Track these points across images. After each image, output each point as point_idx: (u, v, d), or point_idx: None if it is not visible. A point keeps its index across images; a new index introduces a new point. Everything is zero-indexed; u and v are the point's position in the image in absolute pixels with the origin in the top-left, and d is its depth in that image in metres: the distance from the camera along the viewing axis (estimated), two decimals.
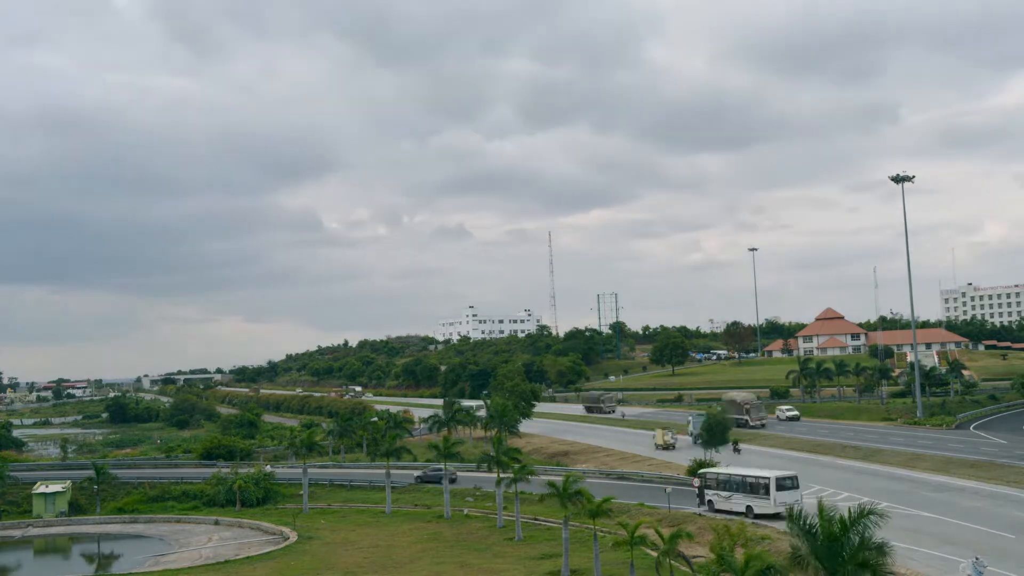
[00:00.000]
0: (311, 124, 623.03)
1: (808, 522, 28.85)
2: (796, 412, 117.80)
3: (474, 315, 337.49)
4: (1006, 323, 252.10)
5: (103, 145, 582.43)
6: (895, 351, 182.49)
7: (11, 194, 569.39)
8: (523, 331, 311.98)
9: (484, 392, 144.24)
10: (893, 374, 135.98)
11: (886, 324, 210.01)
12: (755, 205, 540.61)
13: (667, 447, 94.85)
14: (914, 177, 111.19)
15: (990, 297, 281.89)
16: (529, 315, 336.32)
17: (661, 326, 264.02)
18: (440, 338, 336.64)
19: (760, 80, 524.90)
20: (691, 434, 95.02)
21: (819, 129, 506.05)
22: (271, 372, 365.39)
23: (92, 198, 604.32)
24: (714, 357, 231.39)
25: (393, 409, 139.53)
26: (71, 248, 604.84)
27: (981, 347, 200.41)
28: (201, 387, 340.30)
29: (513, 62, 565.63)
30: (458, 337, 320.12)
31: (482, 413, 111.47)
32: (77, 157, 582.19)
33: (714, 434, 79.31)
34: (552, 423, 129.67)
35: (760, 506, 57.47)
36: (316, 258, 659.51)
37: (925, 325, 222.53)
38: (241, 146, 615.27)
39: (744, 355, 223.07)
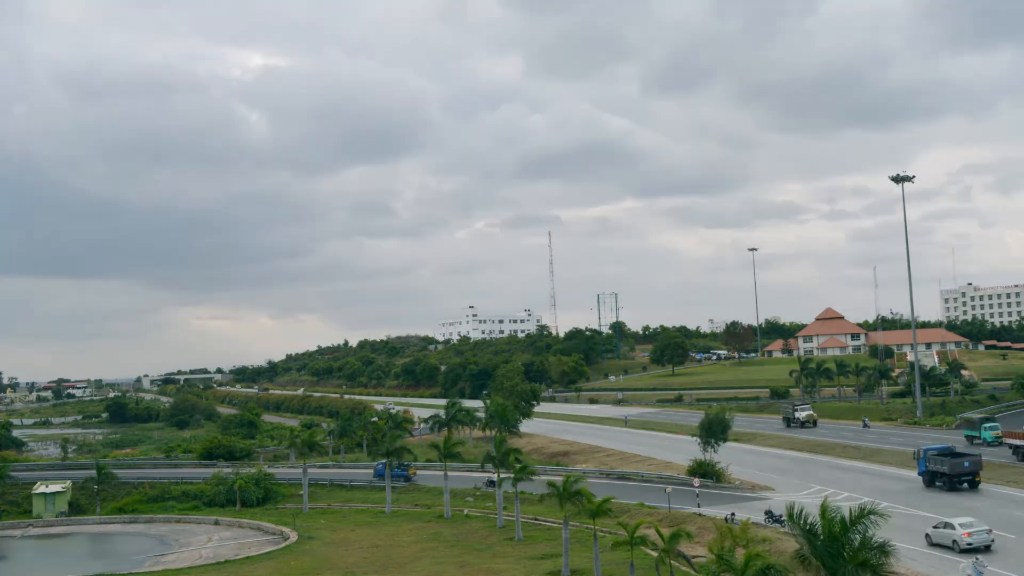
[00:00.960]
0: (402, 90, 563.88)
1: (810, 522, 28.87)
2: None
3: (474, 315, 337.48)
4: (1006, 323, 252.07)
5: (148, 116, 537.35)
6: (895, 351, 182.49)
7: (55, 175, 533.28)
8: (523, 331, 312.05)
9: (484, 392, 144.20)
10: (893, 374, 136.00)
11: (886, 324, 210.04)
12: (858, 190, 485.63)
13: None
14: (914, 177, 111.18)
15: (990, 297, 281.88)
16: (529, 315, 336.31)
17: (661, 326, 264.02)
18: (440, 338, 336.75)
19: (943, 33, 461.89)
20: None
21: (978, 100, 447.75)
22: (271, 372, 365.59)
23: (128, 180, 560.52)
24: (714, 357, 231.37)
25: (393, 409, 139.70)
26: (98, 237, 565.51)
27: (981, 347, 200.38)
28: (201, 387, 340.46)
29: (683, 5, 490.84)
30: (458, 337, 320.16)
31: (482, 414, 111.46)
32: (114, 131, 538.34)
33: (713, 432, 79.05)
34: (552, 423, 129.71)
35: None
36: (366, 250, 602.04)
37: (925, 325, 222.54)
38: (314, 115, 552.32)
39: (744, 355, 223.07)
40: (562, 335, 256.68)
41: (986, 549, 45.49)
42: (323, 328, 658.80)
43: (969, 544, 45.61)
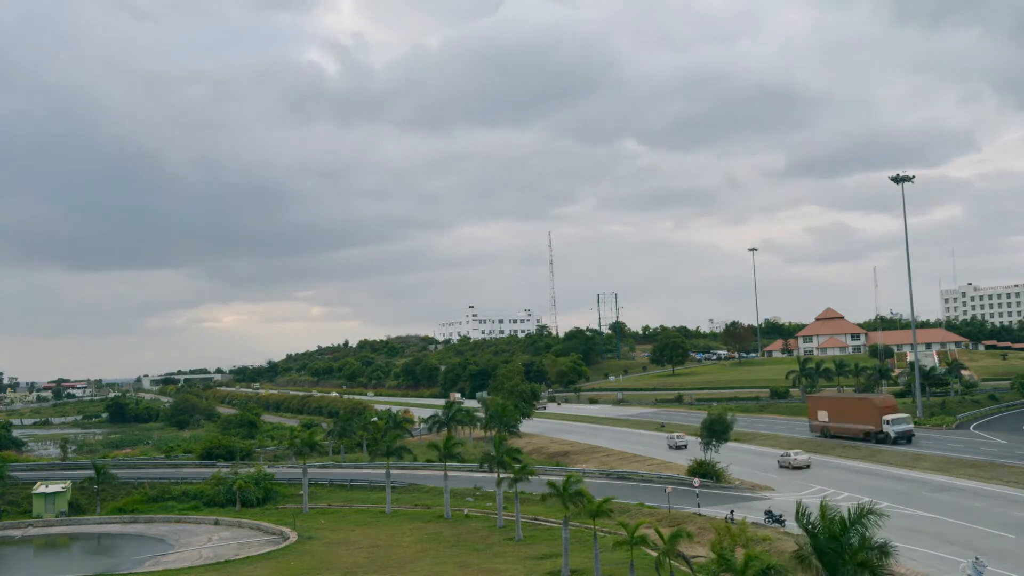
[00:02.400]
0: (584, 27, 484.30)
1: (811, 521, 28.85)
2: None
3: (474, 315, 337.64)
4: (1006, 323, 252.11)
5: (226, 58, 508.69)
6: (895, 351, 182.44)
7: (119, 135, 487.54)
8: (523, 331, 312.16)
9: (481, 392, 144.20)
10: (893, 374, 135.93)
11: (886, 324, 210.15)
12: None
13: None
14: (914, 177, 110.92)
15: (990, 297, 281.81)
16: (529, 315, 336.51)
17: (661, 326, 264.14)
18: (440, 338, 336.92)
19: None
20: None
21: None
22: (271, 372, 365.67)
23: (201, 146, 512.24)
24: (714, 357, 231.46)
25: (393, 409, 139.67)
26: (159, 216, 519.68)
27: (981, 347, 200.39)
28: (201, 387, 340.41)
29: None
30: (458, 337, 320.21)
31: (481, 414, 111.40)
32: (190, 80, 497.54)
33: (714, 433, 79.14)
34: (552, 423, 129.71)
35: None
36: (457, 233, 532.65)
37: (925, 325, 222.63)
38: (444, 63, 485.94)
39: (744, 355, 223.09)
40: (563, 335, 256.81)
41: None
42: (361, 327, 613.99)
43: None
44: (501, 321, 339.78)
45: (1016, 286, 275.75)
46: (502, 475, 64.80)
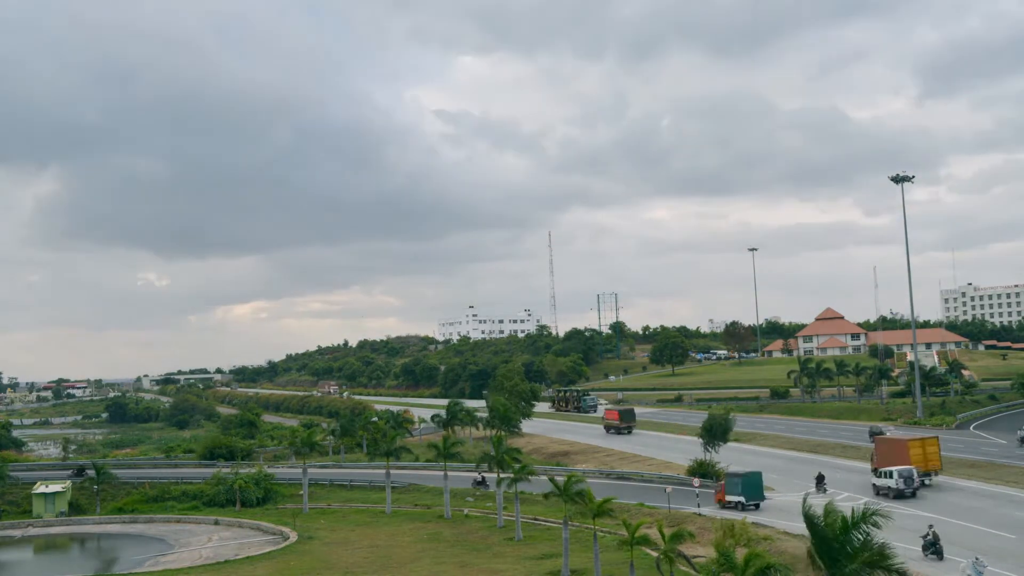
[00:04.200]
0: None
1: (816, 521, 28.92)
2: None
3: (474, 315, 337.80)
4: (1006, 323, 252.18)
5: None
6: (895, 351, 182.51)
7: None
8: (523, 331, 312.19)
9: (484, 392, 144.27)
10: (893, 374, 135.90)
11: (886, 324, 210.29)
12: None
13: None
14: (913, 177, 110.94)
15: (990, 297, 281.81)
16: (529, 315, 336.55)
17: (661, 326, 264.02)
18: (440, 338, 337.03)
19: None
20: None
21: None
22: (271, 372, 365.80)
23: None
24: (714, 357, 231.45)
25: (393, 409, 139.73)
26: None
27: (981, 347, 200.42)
28: (201, 387, 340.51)
29: None
30: (458, 337, 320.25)
31: (481, 414, 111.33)
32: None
33: (714, 434, 79.18)
34: (552, 423, 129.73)
35: None
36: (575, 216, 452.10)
37: (925, 325, 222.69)
38: None
39: (744, 355, 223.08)
40: (562, 335, 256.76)
41: None
42: (398, 324, 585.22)
43: None
44: (501, 321, 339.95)
45: (1016, 286, 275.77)
46: (502, 475, 64.81)
